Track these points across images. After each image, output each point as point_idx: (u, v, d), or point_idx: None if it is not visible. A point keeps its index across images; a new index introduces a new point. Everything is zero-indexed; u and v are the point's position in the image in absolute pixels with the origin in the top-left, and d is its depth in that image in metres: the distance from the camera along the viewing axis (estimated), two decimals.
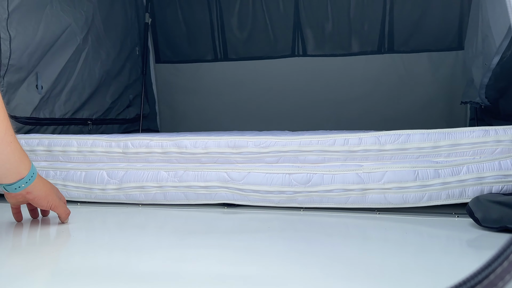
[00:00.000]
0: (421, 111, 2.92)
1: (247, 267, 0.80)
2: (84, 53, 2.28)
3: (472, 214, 1.00)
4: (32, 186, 1.03)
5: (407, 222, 1.13)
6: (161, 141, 1.40)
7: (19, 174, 1.00)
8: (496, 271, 0.47)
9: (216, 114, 3.24)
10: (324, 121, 2.97)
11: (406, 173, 1.17)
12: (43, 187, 1.06)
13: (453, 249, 0.95)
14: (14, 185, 1.00)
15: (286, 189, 1.24)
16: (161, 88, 3.33)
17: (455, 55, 2.87)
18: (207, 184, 1.31)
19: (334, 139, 1.26)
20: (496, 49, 1.62)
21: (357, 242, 0.99)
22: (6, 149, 0.94)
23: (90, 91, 2.35)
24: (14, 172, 0.99)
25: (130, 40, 2.87)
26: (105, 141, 1.45)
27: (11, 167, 0.98)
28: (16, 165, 0.99)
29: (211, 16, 3.18)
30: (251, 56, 3.19)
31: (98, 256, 0.88)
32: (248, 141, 1.33)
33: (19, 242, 1.01)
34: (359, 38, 3.03)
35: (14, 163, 0.98)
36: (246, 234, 1.06)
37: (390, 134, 1.24)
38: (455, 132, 1.20)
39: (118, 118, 2.72)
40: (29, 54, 1.85)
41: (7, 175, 0.98)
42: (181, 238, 1.03)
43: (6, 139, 0.93)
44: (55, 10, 2.03)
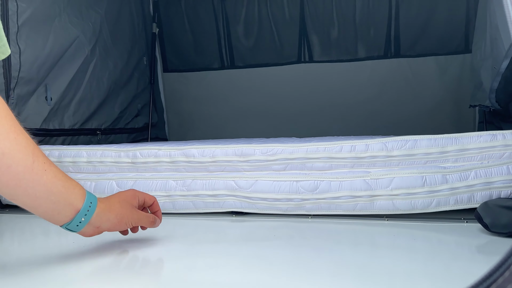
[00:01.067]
0: (429, 115, 2.90)
1: (256, 276, 0.81)
2: (92, 64, 2.31)
3: (481, 220, 1.00)
4: (97, 218, 0.84)
5: (415, 228, 1.12)
6: (169, 151, 1.41)
7: (72, 206, 0.81)
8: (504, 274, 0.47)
9: (224, 121, 3.25)
10: (331, 126, 2.96)
11: (414, 179, 1.17)
12: (111, 213, 0.88)
13: (462, 255, 0.94)
14: (73, 222, 0.82)
15: (293, 196, 1.25)
16: (169, 97, 3.35)
17: (462, 58, 2.85)
18: (215, 192, 1.32)
19: (341, 146, 1.26)
20: (505, 53, 1.61)
21: (365, 249, 0.99)
22: (42, 179, 0.75)
23: (99, 101, 2.38)
24: (65, 205, 0.80)
25: (137, 50, 2.90)
26: (114, 151, 1.47)
27: (58, 199, 0.79)
28: (64, 196, 0.80)
29: (218, 24, 3.20)
30: (257, 63, 3.20)
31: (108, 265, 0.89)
32: (255, 149, 1.33)
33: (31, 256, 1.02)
34: (365, 43, 3.03)
35: (59, 194, 0.79)
36: (255, 242, 1.06)
37: (397, 140, 1.24)
38: (463, 137, 1.20)
39: (126, 127, 2.74)
40: (38, 67, 1.88)
41: (58, 210, 0.80)
42: (190, 247, 1.04)
43: (38, 167, 0.75)
44: (63, 23, 2.05)
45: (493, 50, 1.81)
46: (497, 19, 1.70)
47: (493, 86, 1.85)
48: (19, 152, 0.73)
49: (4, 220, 1.40)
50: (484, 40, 1.98)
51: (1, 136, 0.71)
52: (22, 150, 0.74)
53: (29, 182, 0.74)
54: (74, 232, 0.85)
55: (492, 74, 1.84)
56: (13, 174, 0.72)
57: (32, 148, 0.76)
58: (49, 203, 0.78)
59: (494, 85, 1.83)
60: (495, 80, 1.80)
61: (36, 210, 0.79)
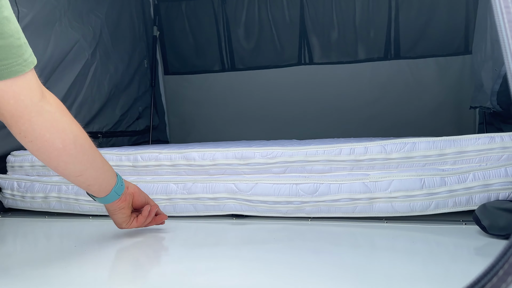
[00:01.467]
0: (429, 117, 2.91)
1: (256, 278, 0.81)
2: (92, 68, 2.31)
3: (479, 222, 1.00)
4: (125, 181, 1.08)
5: (414, 230, 1.13)
6: (169, 154, 1.42)
7: (113, 172, 1.03)
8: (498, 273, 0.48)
9: (224, 124, 3.25)
10: (331, 128, 2.97)
11: (413, 181, 1.18)
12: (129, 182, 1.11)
13: (461, 257, 0.95)
14: (118, 182, 1.03)
15: (293, 199, 1.25)
16: (170, 99, 3.36)
17: (462, 59, 2.86)
18: (215, 195, 1.33)
19: (340, 149, 1.27)
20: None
21: (365, 251, 1.00)
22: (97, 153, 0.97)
23: (100, 105, 2.39)
24: (111, 171, 1.02)
25: (138, 53, 2.91)
26: (115, 155, 1.48)
27: (108, 167, 1.01)
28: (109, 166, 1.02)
29: (218, 27, 3.21)
30: (258, 66, 3.20)
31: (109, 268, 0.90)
32: (255, 152, 1.34)
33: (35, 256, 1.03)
34: (365, 45, 3.03)
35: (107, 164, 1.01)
36: (255, 244, 1.07)
37: (396, 142, 1.24)
38: (461, 140, 1.21)
39: (128, 130, 2.75)
40: (39, 71, 1.86)
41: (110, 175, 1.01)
42: (191, 250, 1.04)
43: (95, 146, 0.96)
44: (63, 27, 2.06)
45: (494, 51, 1.82)
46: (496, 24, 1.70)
47: (494, 89, 1.85)
48: (83, 134, 0.93)
49: (7, 224, 1.41)
50: (484, 41, 1.98)
51: (73, 123, 0.91)
52: (85, 133, 0.94)
53: (94, 156, 0.96)
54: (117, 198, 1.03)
55: (493, 76, 1.84)
56: (84, 150, 0.93)
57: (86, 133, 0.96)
58: (106, 170, 1.00)
59: (496, 87, 1.83)
60: (496, 83, 1.81)
61: (97, 179, 0.99)
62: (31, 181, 1.53)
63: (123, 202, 1.06)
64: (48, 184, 1.50)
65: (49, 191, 1.48)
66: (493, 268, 0.47)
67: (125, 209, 1.07)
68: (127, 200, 1.07)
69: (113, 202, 1.04)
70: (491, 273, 0.47)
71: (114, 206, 1.05)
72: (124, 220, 1.09)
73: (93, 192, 1.01)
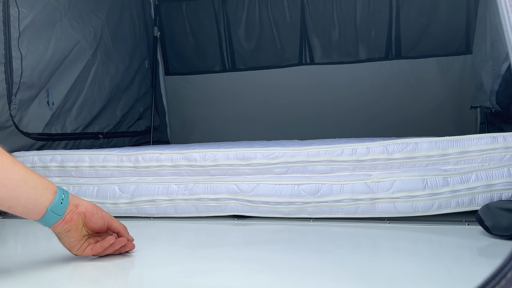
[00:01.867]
0: (431, 117, 2.90)
1: (258, 279, 0.81)
2: (93, 68, 2.31)
3: (482, 222, 1.00)
4: (73, 197, 0.91)
5: (417, 231, 1.13)
6: (171, 155, 1.42)
7: (50, 188, 0.87)
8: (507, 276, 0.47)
9: (225, 124, 3.25)
10: (333, 128, 2.97)
11: (415, 181, 1.17)
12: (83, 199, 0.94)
13: (463, 258, 0.94)
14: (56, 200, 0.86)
15: (295, 200, 1.25)
16: (171, 100, 3.36)
17: (463, 59, 2.85)
18: (217, 196, 1.32)
19: (342, 149, 1.27)
20: (505, 55, 1.61)
21: (367, 251, 0.99)
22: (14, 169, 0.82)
23: (101, 106, 2.38)
24: (44, 188, 0.86)
25: (139, 53, 2.91)
26: (117, 155, 1.48)
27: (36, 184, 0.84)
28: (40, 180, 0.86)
29: (219, 27, 3.21)
30: (258, 66, 3.20)
31: (110, 269, 0.89)
32: (257, 152, 1.34)
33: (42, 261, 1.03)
34: (366, 45, 3.03)
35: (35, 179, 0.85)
36: (257, 245, 1.07)
37: (398, 142, 1.24)
38: (463, 140, 1.20)
39: (129, 131, 2.75)
40: (40, 72, 1.89)
41: (39, 194, 0.84)
42: (192, 251, 1.04)
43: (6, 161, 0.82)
44: (64, 28, 2.06)
45: (493, 51, 1.82)
46: (496, 20, 1.70)
47: (493, 88, 1.85)
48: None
49: (8, 225, 1.41)
50: (484, 41, 1.98)
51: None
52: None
53: (3, 174, 0.80)
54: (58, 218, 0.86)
55: (492, 76, 1.84)
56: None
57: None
58: (29, 188, 0.83)
59: (495, 87, 1.83)
60: (495, 82, 1.80)
61: (18, 201, 0.82)
62: None
63: (68, 223, 0.87)
64: None
65: None
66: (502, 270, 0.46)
67: (71, 232, 0.89)
68: (73, 220, 0.88)
69: (55, 224, 0.87)
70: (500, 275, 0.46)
71: (58, 229, 0.88)
72: (73, 245, 0.90)
73: (20, 214, 0.84)
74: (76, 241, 0.90)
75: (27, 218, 0.86)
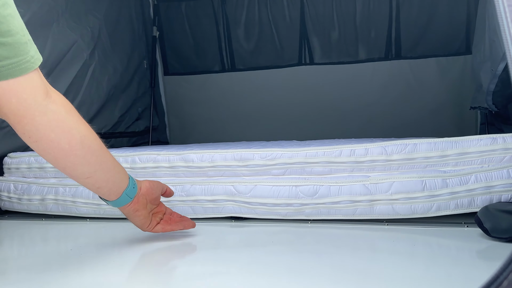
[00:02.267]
0: (431, 117, 2.89)
1: (255, 281, 0.81)
2: (91, 69, 2.30)
3: (481, 225, 0.99)
4: (138, 181, 1.03)
5: (415, 233, 1.12)
6: (168, 156, 1.41)
7: (125, 173, 1.00)
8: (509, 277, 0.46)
9: (224, 124, 3.25)
10: (332, 129, 2.96)
11: (414, 183, 1.16)
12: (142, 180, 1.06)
13: (462, 260, 0.93)
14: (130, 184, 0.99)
15: (293, 201, 1.24)
16: (170, 100, 3.36)
17: (463, 59, 2.84)
18: (214, 197, 1.31)
19: (340, 150, 1.26)
20: (502, 55, 1.60)
21: (365, 253, 0.99)
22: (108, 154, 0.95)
23: (98, 106, 2.37)
24: (123, 173, 0.99)
25: (137, 53, 2.90)
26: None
27: (120, 169, 0.98)
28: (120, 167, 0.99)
29: (218, 27, 3.20)
30: (258, 66, 3.20)
31: (107, 271, 0.89)
32: (255, 153, 1.33)
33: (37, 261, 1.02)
34: (366, 45, 3.02)
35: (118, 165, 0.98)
36: (254, 247, 1.06)
37: (397, 144, 1.23)
38: (463, 141, 1.19)
39: (127, 131, 2.74)
40: None
41: (121, 177, 0.98)
42: (189, 253, 1.03)
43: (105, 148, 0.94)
44: (61, 27, 2.05)
45: (492, 52, 1.81)
46: (494, 21, 1.70)
47: (489, 88, 1.84)
48: (92, 134, 0.92)
49: (4, 226, 1.40)
50: (483, 42, 1.97)
51: (80, 123, 0.90)
52: (94, 134, 0.92)
53: (103, 157, 0.93)
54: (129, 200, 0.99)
55: (490, 76, 1.83)
56: (93, 151, 0.91)
57: (96, 133, 0.94)
58: (117, 172, 0.97)
59: (491, 87, 1.82)
60: (491, 82, 1.80)
61: (107, 183, 0.95)
62: (28, 183, 1.52)
63: (136, 204, 1.01)
64: (45, 186, 1.48)
65: (46, 193, 1.47)
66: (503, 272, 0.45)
67: (140, 211, 1.02)
68: (139, 202, 1.01)
69: (125, 205, 1.00)
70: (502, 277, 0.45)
71: (127, 210, 1.01)
72: (143, 222, 1.04)
73: (103, 195, 0.97)
74: (145, 218, 1.03)
75: (105, 198, 0.98)
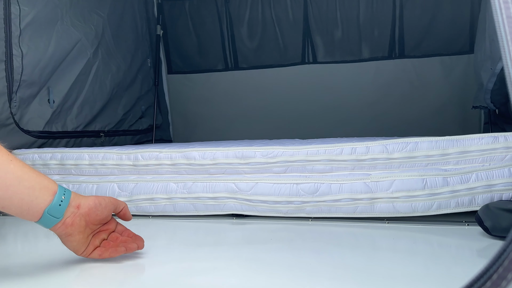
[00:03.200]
0: (434, 116, 2.89)
1: (256, 279, 0.81)
2: (94, 67, 2.32)
3: (481, 223, 0.99)
4: (75, 196, 0.84)
5: (416, 231, 1.12)
6: (170, 153, 1.41)
7: (48, 188, 0.80)
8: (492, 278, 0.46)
9: (228, 123, 3.25)
10: (335, 127, 2.96)
11: (415, 181, 1.16)
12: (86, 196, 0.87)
13: (463, 258, 0.93)
14: (55, 202, 0.79)
15: (294, 199, 1.24)
16: (174, 99, 3.37)
17: (467, 58, 2.83)
18: (215, 195, 1.32)
19: (342, 148, 1.26)
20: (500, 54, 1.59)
21: (366, 251, 0.99)
22: (9, 167, 0.76)
23: (102, 104, 2.39)
24: (41, 188, 0.79)
25: (141, 52, 2.91)
26: (116, 154, 1.47)
27: (32, 184, 0.78)
28: (37, 180, 0.79)
29: (221, 26, 3.21)
30: (261, 65, 3.20)
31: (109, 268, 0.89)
32: (256, 151, 1.33)
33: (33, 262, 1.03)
34: (369, 44, 3.02)
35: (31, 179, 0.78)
36: (255, 245, 1.06)
37: (398, 142, 1.23)
38: (464, 139, 1.19)
39: (130, 129, 2.75)
40: (41, 69, 1.89)
41: (35, 195, 0.78)
42: (190, 250, 1.04)
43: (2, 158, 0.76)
44: (65, 26, 2.07)
45: (492, 51, 1.80)
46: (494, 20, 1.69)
47: (488, 87, 1.83)
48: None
49: (8, 223, 1.41)
50: (484, 41, 1.97)
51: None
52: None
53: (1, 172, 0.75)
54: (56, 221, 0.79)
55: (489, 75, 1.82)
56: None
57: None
58: (23, 188, 0.77)
59: (489, 85, 1.81)
60: (490, 81, 1.79)
61: (11, 202, 0.76)
62: None
63: (68, 228, 0.81)
64: None
65: None
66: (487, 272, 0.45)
67: (73, 236, 0.83)
68: (74, 224, 0.82)
69: (54, 226, 0.81)
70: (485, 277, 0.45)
71: (58, 232, 0.82)
72: (77, 248, 0.85)
73: (16, 215, 0.78)
74: (80, 244, 0.85)
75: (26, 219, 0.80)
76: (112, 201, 0.89)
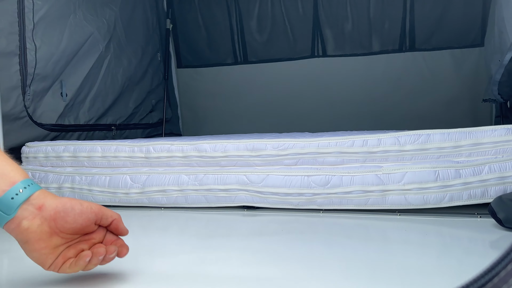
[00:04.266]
0: (445, 110, 2.87)
1: (267, 270, 0.81)
2: (106, 61, 2.33)
3: (494, 215, 0.98)
4: (41, 194, 0.66)
5: (428, 223, 1.11)
6: (181, 146, 1.42)
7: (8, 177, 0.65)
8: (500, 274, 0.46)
9: (237, 117, 3.25)
10: (345, 121, 2.95)
11: (427, 173, 1.16)
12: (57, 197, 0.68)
13: (475, 251, 0.93)
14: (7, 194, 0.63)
15: (305, 191, 1.25)
16: (183, 93, 3.38)
17: (478, 51, 2.81)
18: (226, 187, 1.33)
19: (353, 141, 1.26)
20: (509, 45, 1.57)
21: (377, 244, 0.99)
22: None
23: (113, 97, 2.40)
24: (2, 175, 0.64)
25: (151, 46, 2.92)
26: (128, 146, 1.49)
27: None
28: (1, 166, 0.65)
29: (231, 20, 3.20)
30: (271, 58, 3.19)
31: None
32: (267, 144, 1.33)
33: None
34: (379, 37, 3.00)
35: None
36: (266, 236, 1.07)
37: (410, 134, 1.22)
38: (477, 131, 1.18)
39: (141, 123, 2.77)
40: (54, 63, 1.91)
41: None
42: (202, 241, 1.04)
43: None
44: (78, 20, 2.08)
45: (501, 43, 1.78)
46: (503, 12, 1.67)
47: (495, 79, 1.81)
48: None
49: None
50: (493, 33, 1.95)
51: None
52: None
53: None
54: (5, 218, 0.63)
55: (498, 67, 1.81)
56: None
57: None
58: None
59: (497, 77, 1.79)
60: (497, 72, 1.77)
61: None
62: (45, 171, 1.55)
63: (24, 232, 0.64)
64: (61, 174, 1.51)
65: (63, 182, 1.50)
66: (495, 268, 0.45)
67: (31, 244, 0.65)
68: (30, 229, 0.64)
69: (6, 226, 0.64)
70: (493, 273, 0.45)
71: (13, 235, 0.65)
72: (40, 260, 0.66)
73: None
74: (43, 255, 0.66)
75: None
76: (94, 209, 0.70)
